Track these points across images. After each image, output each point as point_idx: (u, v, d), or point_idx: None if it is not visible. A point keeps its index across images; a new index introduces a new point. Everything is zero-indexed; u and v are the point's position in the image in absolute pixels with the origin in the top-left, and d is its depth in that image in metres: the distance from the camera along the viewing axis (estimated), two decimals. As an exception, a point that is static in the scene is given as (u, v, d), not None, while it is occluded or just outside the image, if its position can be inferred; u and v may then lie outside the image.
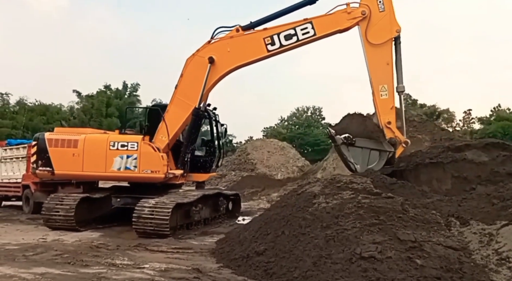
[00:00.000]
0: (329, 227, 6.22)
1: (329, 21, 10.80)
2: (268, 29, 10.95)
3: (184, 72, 11.26)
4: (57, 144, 10.88)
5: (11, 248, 8.25)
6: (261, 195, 20.52)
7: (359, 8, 10.64)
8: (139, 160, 10.64)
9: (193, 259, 7.52)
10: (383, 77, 10.65)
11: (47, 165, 10.84)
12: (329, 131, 10.58)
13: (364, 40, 10.76)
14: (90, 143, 10.85)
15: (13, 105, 43.97)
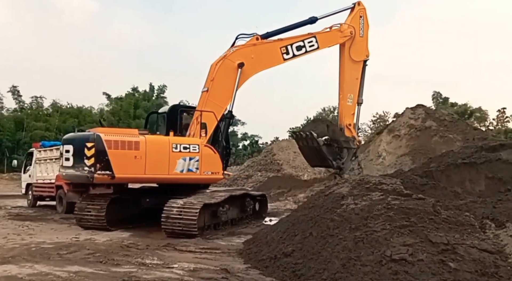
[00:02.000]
0: (358, 229, 6.14)
1: (328, 37, 13.17)
2: (283, 40, 12.52)
3: (215, 76, 11.62)
4: (117, 146, 10.02)
5: (46, 246, 8.52)
6: (287, 196, 20.42)
7: (348, 29, 13.31)
8: (201, 162, 10.95)
9: (221, 259, 7.56)
10: (352, 88, 13.57)
11: (106, 169, 9.86)
12: (311, 134, 12.76)
13: (346, 55, 13.41)
14: (152, 145, 10.43)
15: (46, 108, 45.42)
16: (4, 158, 37.24)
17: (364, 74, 13.69)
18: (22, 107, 44.02)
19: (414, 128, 20.70)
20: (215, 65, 11.84)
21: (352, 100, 13.53)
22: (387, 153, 20.51)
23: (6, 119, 41.63)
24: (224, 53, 12.06)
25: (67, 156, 10.38)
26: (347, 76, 13.50)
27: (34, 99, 44.80)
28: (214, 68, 11.81)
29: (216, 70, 11.70)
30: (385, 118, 58.91)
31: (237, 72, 11.71)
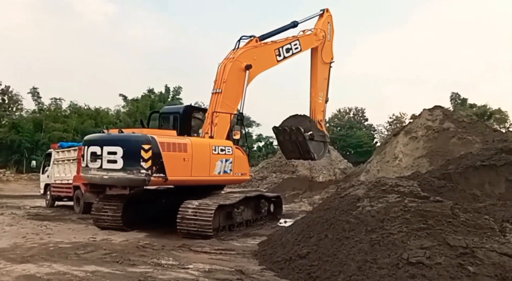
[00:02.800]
0: (374, 231, 6.07)
1: (308, 40, 14.08)
2: (276, 42, 13.11)
3: (228, 78, 11.65)
4: (169, 148, 9.92)
5: (64, 246, 8.64)
6: (302, 198, 20.37)
7: (320, 33, 14.43)
8: (234, 164, 11.22)
9: (236, 260, 7.57)
10: (322, 87, 14.80)
11: (160, 171, 9.68)
12: (299, 129, 13.67)
13: (318, 57, 14.52)
14: (197, 147, 10.48)
15: (64, 109, 46.15)
16: (23, 159, 37.96)
17: (329, 74, 15.14)
18: (41, 108, 44.85)
19: (432, 129, 20.42)
20: (224, 67, 11.82)
21: (322, 98, 14.88)
22: (404, 154, 20.27)
23: (26, 120, 42.46)
24: (231, 55, 12.07)
25: (111, 158, 9.85)
26: (318, 77, 14.68)
27: (53, 101, 45.65)
28: (223, 70, 11.79)
29: (227, 72, 11.71)
30: (402, 119, 58.42)
31: (245, 73, 11.92)
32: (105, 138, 10.40)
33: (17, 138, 39.05)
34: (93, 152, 10.19)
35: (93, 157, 10.16)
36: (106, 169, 9.95)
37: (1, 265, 6.92)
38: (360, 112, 66.82)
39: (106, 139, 10.30)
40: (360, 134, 58.15)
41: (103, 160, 9.99)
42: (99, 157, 10.04)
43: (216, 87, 11.73)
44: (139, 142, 9.71)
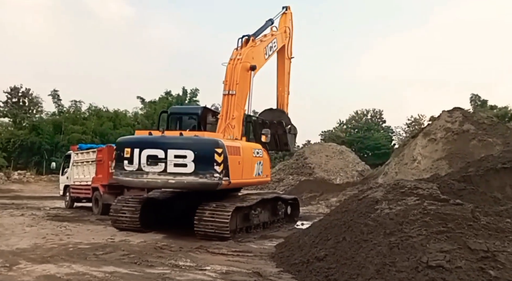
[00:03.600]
0: (392, 234, 6.00)
1: (281, 38, 14.43)
2: (264, 41, 13.20)
3: (240, 79, 11.61)
4: (231, 152, 10.04)
5: (83, 247, 8.77)
6: (319, 200, 20.25)
7: (287, 30, 14.96)
8: (264, 166, 11.70)
9: (253, 262, 7.56)
10: (287, 81, 15.45)
11: (227, 175, 9.82)
12: (281, 122, 14.04)
13: (286, 54, 15.09)
14: (245, 150, 10.80)
15: (83, 111, 46.88)
16: (43, 161, 38.66)
17: (290, 69, 15.76)
18: (61, 111, 45.64)
19: (451, 131, 20.07)
20: (234, 68, 11.65)
21: (287, 92, 15.51)
22: (423, 157, 19.97)
23: (46, 122, 43.26)
24: (238, 56, 11.92)
25: (179, 161, 9.72)
26: (286, 72, 15.35)
27: (73, 103, 46.40)
28: (233, 71, 11.61)
29: (238, 73, 11.60)
30: (420, 121, 57.59)
31: (251, 74, 11.96)
32: (171, 141, 10.10)
33: (37, 140, 39.77)
34: (153, 156, 9.86)
35: (153, 160, 9.83)
36: (172, 173, 9.75)
37: (22, 265, 7.07)
38: (378, 113, 66.10)
39: (173, 142, 10.04)
40: (378, 136, 57.51)
41: (168, 163, 9.76)
42: (163, 160, 9.78)
43: (228, 88, 11.52)
44: (213, 146, 9.76)
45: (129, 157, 10.04)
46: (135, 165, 9.98)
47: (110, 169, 14.93)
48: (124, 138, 11.03)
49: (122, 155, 10.16)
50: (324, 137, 60.46)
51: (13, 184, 32.05)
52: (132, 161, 10.01)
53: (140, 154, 9.93)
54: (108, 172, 14.93)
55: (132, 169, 10.06)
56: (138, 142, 10.30)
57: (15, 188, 29.98)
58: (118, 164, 10.37)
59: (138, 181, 10.09)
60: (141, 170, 9.93)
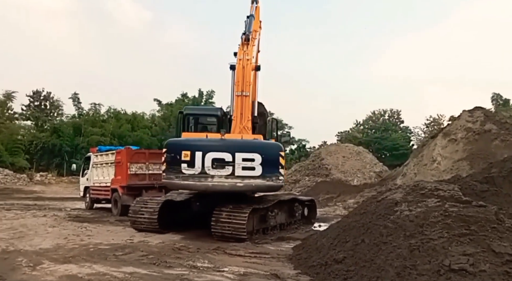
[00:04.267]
0: (413, 236, 5.89)
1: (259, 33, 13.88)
2: (254, 38, 12.83)
3: (252, 80, 11.53)
4: None
5: (103, 247, 8.90)
6: (336, 201, 20.09)
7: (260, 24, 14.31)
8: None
9: (270, 264, 7.54)
10: None
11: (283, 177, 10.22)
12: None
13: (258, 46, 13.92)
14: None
15: (102, 114, 47.59)
16: (64, 162, 39.37)
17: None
18: (81, 113, 46.43)
19: (472, 131, 19.67)
20: (244, 68, 11.50)
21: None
22: (443, 157, 19.61)
23: (66, 125, 44.06)
24: (246, 56, 11.81)
25: (247, 165, 9.79)
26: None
27: (92, 106, 47.17)
28: (244, 71, 11.48)
29: (250, 73, 11.50)
30: (440, 121, 56.69)
31: (256, 74, 11.86)
32: (239, 145, 10.18)
33: (58, 142, 40.52)
34: (219, 159, 9.79)
35: (219, 163, 9.77)
36: (241, 176, 9.78)
37: (45, 265, 7.21)
38: (395, 114, 65.30)
39: (241, 146, 10.11)
40: (396, 137, 56.79)
41: (235, 167, 9.77)
42: (230, 164, 9.76)
43: (241, 89, 11.32)
44: (278, 150, 10.17)
45: (189, 160, 9.80)
46: (198, 169, 9.76)
47: (128, 171, 15.15)
48: (179, 140, 10.53)
49: (179, 158, 9.83)
50: (340, 138, 60.07)
51: (35, 186, 32.75)
52: (193, 164, 9.77)
53: (204, 157, 9.77)
54: (127, 174, 15.13)
55: (193, 172, 9.79)
56: (201, 145, 10.04)
57: (38, 189, 30.62)
58: (173, 167, 9.95)
59: (201, 185, 9.87)
60: (205, 173, 9.76)
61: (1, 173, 32.80)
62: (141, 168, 15.45)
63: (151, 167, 15.51)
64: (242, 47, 12.06)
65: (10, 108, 44.23)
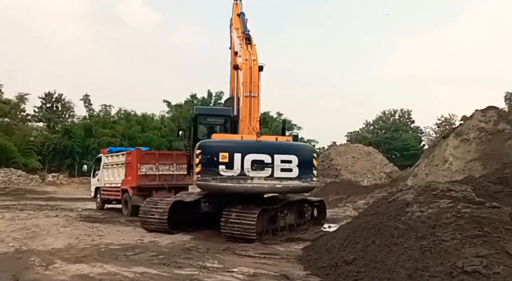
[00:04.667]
0: (424, 238, 5.83)
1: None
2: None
3: (259, 80, 11.51)
4: None
5: (114, 247, 8.95)
6: (346, 202, 19.98)
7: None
8: None
9: (280, 265, 7.51)
10: None
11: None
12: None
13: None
14: None
15: (112, 115, 47.98)
16: (75, 163, 39.75)
17: None
18: (92, 115, 46.87)
19: (485, 131, 19.41)
20: (250, 68, 11.49)
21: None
22: (454, 158, 19.38)
23: (77, 126, 44.51)
24: (252, 56, 11.80)
25: (285, 166, 9.93)
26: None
27: (103, 107, 47.61)
28: (251, 72, 11.48)
29: (257, 74, 11.47)
30: (451, 121, 56.19)
31: (259, 74, 11.67)
32: (278, 146, 10.30)
33: (70, 144, 40.93)
34: (258, 161, 9.81)
35: (258, 165, 9.79)
36: (279, 177, 9.87)
37: (58, 265, 7.29)
38: (406, 114, 64.81)
39: (279, 147, 10.23)
40: (407, 137, 56.39)
41: (275, 168, 9.85)
42: (269, 165, 9.83)
43: (249, 90, 11.32)
44: (312, 151, 10.60)
45: (228, 162, 9.71)
46: (237, 170, 9.71)
47: (138, 172, 15.24)
48: (217, 142, 10.34)
49: (216, 160, 9.70)
50: (350, 138, 59.80)
51: (47, 186, 33.14)
52: (232, 166, 9.70)
53: (243, 159, 9.73)
54: (137, 175, 15.21)
55: (232, 174, 9.72)
56: (240, 147, 9.96)
57: (50, 190, 30.99)
58: (209, 169, 9.76)
59: (241, 187, 9.78)
60: (244, 175, 9.73)
61: (14, 174, 33.27)
62: (151, 169, 15.52)
63: (161, 168, 15.59)
64: (245, 47, 12.04)
65: (23, 110, 44.98)
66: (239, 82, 11.60)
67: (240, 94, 11.50)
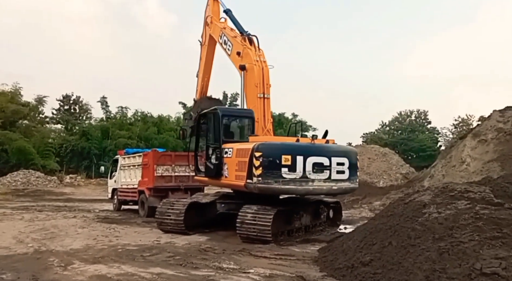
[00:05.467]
0: (442, 239, 5.78)
1: None
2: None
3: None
4: None
5: (131, 248, 9.07)
6: (362, 203, 19.82)
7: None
8: None
9: (296, 266, 7.51)
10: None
11: None
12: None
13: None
14: None
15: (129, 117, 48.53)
16: (92, 165, 40.31)
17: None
18: (108, 116, 47.47)
19: (504, 132, 19.05)
20: (261, 70, 11.70)
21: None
22: (472, 159, 19.08)
23: (94, 128, 45.14)
24: (262, 58, 11.97)
25: (340, 168, 10.21)
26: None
27: (119, 109, 48.20)
28: (263, 73, 11.71)
29: (268, 75, 11.69)
30: (469, 121, 55.35)
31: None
32: (335, 149, 10.58)
33: (87, 145, 41.49)
34: (319, 163, 9.93)
35: (319, 167, 9.91)
36: (335, 179, 10.15)
37: (76, 265, 7.42)
38: (422, 114, 64.10)
39: (336, 150, 10.54)
40: (423, 138, 55.74)
41: (332, 171, 10.07)
42: (328, 168, 10.01)
43: (263, 91, 11.58)
44: (356, 154, 11.06)
45: (291, 164, 9.69)
46: (299, 173, 9.73)
47: (155, 173, 15.39)
48: (278, 145, 10.22)
49: (278, 163, 9.63)
50: (366, 139, 59.41)
51: (65, 188, 33.68)
52: (294, 169, 9.69)
53: (305, 161, 9.78)
54: (153, 176, 15.36)
55: (294, 176, 9.72)
56: (302, 150, 9.99)
57: (67, 191, 31.47)
58: (271, 172, 9.63)
59: (302, 189, 9.89)
60: (306, 177, 9.79)
61: (33, 175, 33.89)
62: (167, 170, 15.65)
63: (177, 169, 15.70)
64: (252, 48, 12.16)
65: (42, 112, 45.88)
66: (247, 83, 11.81)
67: (249, 95, 11.73)
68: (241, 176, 10.12)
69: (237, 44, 12.68)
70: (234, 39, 12.93)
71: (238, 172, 10.28)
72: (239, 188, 10.49)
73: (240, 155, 10.27)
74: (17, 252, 8.69)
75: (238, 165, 10.25)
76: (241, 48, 12.40)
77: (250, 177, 9.80)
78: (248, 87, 11.98)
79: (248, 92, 11.99)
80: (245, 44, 12.34)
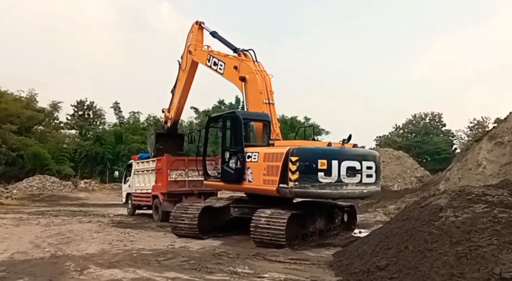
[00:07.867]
0: (460, 243, 5.69)
1: None
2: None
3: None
4: None
5: (145, 253, 9.11)
6: (376, 207, 19.64)
7: None
8: None
9: (310, 270, 7.46)
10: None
11: None
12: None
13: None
14: None
15: (142, 122, 48.94)
16: (106, 170, 40.72)
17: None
18: (122, 122, 47.96)
19: (520, 134, 18.72)
20: (263, 79, 12.17)
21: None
22: (488, 161, 18.76)
23: (108, 133, 45.64)
24: (261, 68, 12.49)
25: (369, 172, 10.42)
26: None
27: (132, 114, 48.69)
28: (265, 81, 12.20)
29: (270, 83, 12.13)
30: (484, 124, 54.62)
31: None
32: (363, 153, 10.90)
33: (101, 150, 41.95)
34: (352, 167, 10.05)
35: (352, 172, 10.04)
36: (365, 183, 10.32)
37: (92, 270, 7.48)
38: (437, 117, 63.41)
39: (365, 154, 10.84)
40: (438, 140, 55.12)
41: (363, 175, 10.24)
42: (359, 172, 10.17)
43: (268, 97, 12.02)
44: (380, 158, 11.32)
45: (326, 168, 9.73)
46: (334, 177, 9.80)
47: (168, 178, 15.47)
48: (314, 149, 10.26)
49: (315, 167, 9.65)
50: (379, 142, 58.95)
51: (80, 192, 34.06)
52: (330, 173, 9.74)
53: (340, 166, 9.87)
54: (167, 181, 15.44)
55: (330, 181, 9.77)
56: (336, 154, 10.03)
57: (82, 196, 31.80)
58: (308, 176, 9.61)
59: (337, 193, 9.99)
60: (341, 181, 9.88)
61: (48, 181, 34.37)
62: (181, 175, 15.73)
63: (191, 174, 15.75)
64: (250, 60, 12.60)
65: (56, 118, 46.61)
66: (250, 92, 12.26)
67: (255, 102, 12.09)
68: (271, 180, 10.02)
69: (230, 60, 13.13)
70: (226, 57, 13.42)
71: (267, 176, 10.16)
72: (268, 193, 10.35)
73: (270, 159, 10.15)
74: (34, 256, 8.81)
75: (267, 169, 10.15)
76: (237, 62, 12.75)
77: (284, 182, 9.72)
78: (252, 95, 12.20)
79: (253, 100, 12.19)
80: (241, 58, 12.78)
